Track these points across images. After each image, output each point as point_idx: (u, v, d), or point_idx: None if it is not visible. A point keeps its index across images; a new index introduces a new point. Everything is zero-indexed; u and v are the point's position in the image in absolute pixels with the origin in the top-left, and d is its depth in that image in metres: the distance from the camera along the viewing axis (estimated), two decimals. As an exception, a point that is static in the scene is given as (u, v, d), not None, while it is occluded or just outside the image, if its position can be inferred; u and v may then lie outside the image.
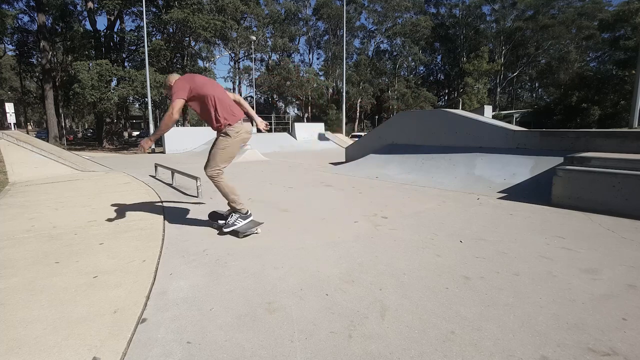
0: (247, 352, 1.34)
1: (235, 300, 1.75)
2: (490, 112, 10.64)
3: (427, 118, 6.72)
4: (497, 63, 37.25)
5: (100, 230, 2.98)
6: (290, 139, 16.57)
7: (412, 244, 2.57)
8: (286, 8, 40.10)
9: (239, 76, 39.52)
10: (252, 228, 2.77)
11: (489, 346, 1.36)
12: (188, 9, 19.30)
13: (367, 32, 42.45)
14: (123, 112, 26.94)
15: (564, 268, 2.10)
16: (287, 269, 2.14)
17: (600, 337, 1.42)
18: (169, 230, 2.97)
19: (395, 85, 41.09)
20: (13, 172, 6.31)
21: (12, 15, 22.99)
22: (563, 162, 3.92)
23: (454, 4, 43.65)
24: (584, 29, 34.60)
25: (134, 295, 1.81)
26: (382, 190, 4.82)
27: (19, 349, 1.36)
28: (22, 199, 4.41)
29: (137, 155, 14.57)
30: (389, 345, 1.38)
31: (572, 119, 26.14)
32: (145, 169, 7.51)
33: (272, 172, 7.16)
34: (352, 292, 1.82)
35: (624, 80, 24.78)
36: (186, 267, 2.17)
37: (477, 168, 5.18)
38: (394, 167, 6.33)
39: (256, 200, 4.19)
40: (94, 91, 17.30)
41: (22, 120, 41.76)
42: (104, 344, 1.39)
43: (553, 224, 3.04)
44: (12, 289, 1.88)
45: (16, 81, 36.51)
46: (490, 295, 1.78)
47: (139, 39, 20.86)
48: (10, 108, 14.80)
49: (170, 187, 5.21)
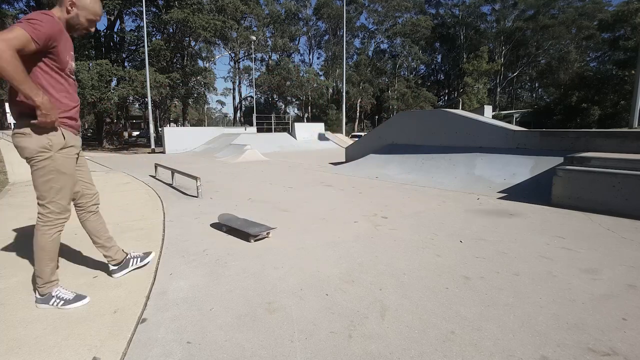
0: (247, 352, 1.34)
1: (235, 300, 1.75)
2: (490, 112, 10.64)
3: (427, 118, 6.72)
4: (497, 63, 37.23)
5: (100, 230, 2.98)
6: (290, 139, 16.56)
7: (412, 244, 2.57)
8: (286, 8, 40.09)
9: (239, 76, 39.55)
10: (263, 232, 2.73)
11: (489, 346, 1.36)
12: (188, 9, 19.30)
13: (368, 32, 42.46)
14: (123, 112, 26.93)
15: (564, 268, 2.10)
16: (287, 269, 2.14)
17: (600, 337, 1.42)
18: (169, 230, 2.97)
19: (395, 85, 41.09)
20: (13, 172, 6.30)
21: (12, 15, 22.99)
22: (563, 162, 3.92)
23: (454, 3, 43.67)
24: (584, 29, 34.60)
25: (134, 295, 1.81)
26: (382, 190, 4.82)
27: (19, 349, 1.36)
28: (22, 199, 4.41)
29: (137, 156, 14.57)
30: (389, 345, 1.38)
31: (572, 119, 26.14)
32: (145, 169, 7.51)
33: (272, 172, 7.16)
34: (352, 292, 1.82)
35: (624, 80, 24.78)
36: (186, 267, 2.17)
37: (477, 168, 5.18)
38: (394, 167, 6.33)
39: (256, 200, 4.19)
40: (94, 91, 17.29)
41: (22, 120, 41.68)
42: (104, 344, 1.39)
43: (553, 224, 3.04)
44: (12, 289, 1.88)
45: (16, 81, 36.46)
46: (490, 295, 1.78)
47: (139, 39, 20.86)
48: (10, 108, 14.80)
49: (170, 187, 5.21)
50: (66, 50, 1.62)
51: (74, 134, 1.70)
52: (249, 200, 4.17)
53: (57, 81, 1.61)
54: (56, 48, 1.55)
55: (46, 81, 1.57)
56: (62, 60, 1.60)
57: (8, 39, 1.37)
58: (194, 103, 29.55)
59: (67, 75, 1.66)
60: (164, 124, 26.57)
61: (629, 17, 26.46)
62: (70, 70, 1.68)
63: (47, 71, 1.57)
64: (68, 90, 1.66)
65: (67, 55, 1.64)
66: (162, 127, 17.76)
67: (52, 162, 1.59)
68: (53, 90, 1.59)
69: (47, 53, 1.54)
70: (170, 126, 29.15)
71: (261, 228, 2.76)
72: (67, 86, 1.66)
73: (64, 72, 1.63)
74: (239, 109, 42.09)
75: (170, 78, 19.74)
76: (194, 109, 43.67)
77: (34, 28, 1.44)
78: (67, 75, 1.67)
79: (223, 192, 4.77)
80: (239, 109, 42.24)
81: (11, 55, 1.37)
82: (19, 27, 1.42)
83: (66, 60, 1.63)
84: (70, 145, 1.65)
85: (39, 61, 1.54)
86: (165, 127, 18.24)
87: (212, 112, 59.86)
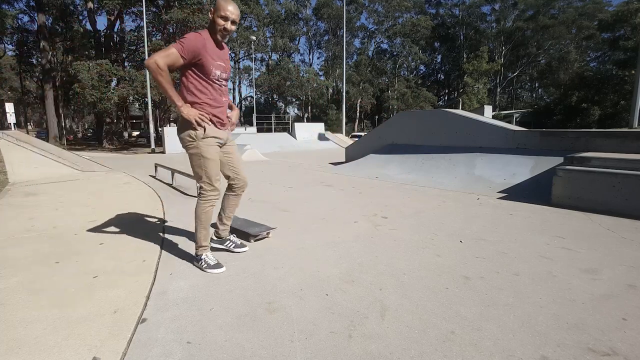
0: (247, 352, 1.34)
1: (235, 300, 1.75)
2: (490, 112, 10.65)
3: (427, 118, 6.72)
4: (497, 63, 37.24)
5: (100, 230, 2.98)
6: (290, 139, 16.57)
7: (412, 244, 2.57)
8: (286, 8, 40.10)
9: (239, 76, 39.54)
10: (263, 232, 2.73)
11: (489, 346, 1.36)
12: (188, 9, 19.29)
13: (368, 32, 42.47)
14: (123, 112, 26.93)
15: (564, 268, 2.10)
16: (287, 269, 2.14)
17: (600, 337, 1.42)
18: (169, 230, 2.97)
19: (395, 85, 41.11)
20: (13, 172, 6.30)
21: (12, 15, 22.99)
22: (563, 162, 3.92)
23: (454, 3, 43.68)
24: (584, 29, 34.61)
25: (134, 295, 1.81)
26: (382, 190, 4.82)
27: (19, 349, 1.36)
28: (22, 199, 4.41)
29: (137, 156, 14.58)
30: (389, 345, 1.38)
31: (572, 119, 26.14)
32: (145, 169, 7.51)
33: (272, 172, 7.16)
34: (352, 292, 1.82)
35: (624, 80, 24.78)
36: (186, 267, 2.16)
37: (477, 168, 5.18)
38: (394, 167, 6.33)
39: (256, 200, 4.19)
40: (94, 91, 17.30)
41: (22, 120, 41.75)
42: (104, 344, 1.39)
43: (553, 224, 3.04)
44: (12, 289, 1.88)
45: (16, 81, 36.49)
46: (490, 295, 1.78)
47: (139, 39, 20.86)
48: (10, 108, 14.81)
49: (170, 187, 5.21)
50: (212, 62, 1.96)
51: (218, 127, 2.06)
52: (249, 200, 4.17)
53: (204, 86, 1.98)
54: (201, 60, 1.91)
55: (194, 86, 1.97)
56: (207, 70, 1.95)
57: (164, 56, 1.82)
58: (194, 103, 29.48)
59: (212, 82, 2.00)
60: (164, 124, 26.54)
61: (629, 17, 26.47)
62: (217, 77, 2.01)
63: (196, 78, 1.96)
64: (212, 94, 2.02)
65: (213, 66, 1.97)
66: (162, 127, 17.75)
67: (197, 149, 1.99)
68: (199, 94, 1.98)
69: (194, 64, 1.92)
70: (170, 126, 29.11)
71: (261, 228, 2.77)
72: (211, 90, 2.01)
73: (209, 78, 1.98)
74: (239, 109, 42.07)
75: (170, 78, 19.71)
76: (194, 109, 43.51)
77: (182, 46, 1.84)
78: (213, 82, 2.00)
79: (223, 192, 4.76)
80: (239, 109, 42.22)
81: (165, 71, 1.81)
82: (173, 45, 1.85)
83: (211, 70, 1.96)
84: (210, 136, 2.01)
85: (189, 70, 1.94)
86: (165, 127, 18.23)
87: (212, 112, 59.70)
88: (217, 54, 1.99)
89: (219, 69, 2.00)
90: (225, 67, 2.05)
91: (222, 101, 2.08)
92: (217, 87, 2.03)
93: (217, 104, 2.05)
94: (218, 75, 2.01)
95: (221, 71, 2.02)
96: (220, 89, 2.05)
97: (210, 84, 1.99)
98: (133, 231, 2.93)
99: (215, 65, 1.98)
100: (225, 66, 2.05)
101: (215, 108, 2.04)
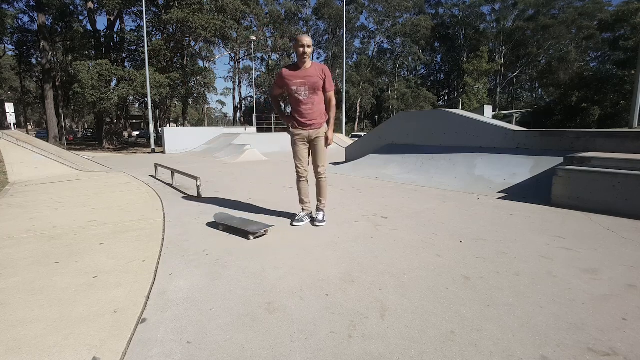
0: (247, 352, 1.34)
1: (235, 300, 1.75)
2: (490, 112, 10.65)
3: (427, 118, 6.72)
4: (497, 63, 37.22)
5: (100, 230, 2.98)
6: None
7: (412, 244, 2.57)
8: (286, 8, 40.07)
9: (239, 76, 39.56)
10: (261, 230, 2.75)
11: (489, 346, 1.36)
12: (188, 8, 19.29)
13: (368, 32, 42.45)
14: (123, 112, 26.91)
15: (564, 268, 2.10)
16: (287, 269, 2.14)
17: (600, 337, 1.41)
18: (169, 230, 2.98)
19: (396, 85, 41.11)
20: (13, 172, 6.31)
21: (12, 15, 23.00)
22: (563, 162, 3.91)
23: (454, 3, 43.66)
24: (584, 29, 34.59)
25: (134, 295, 1.81)
26: (382, 190, 4.82)
27: (19, 349, 1.36)
28: (22, 199, 4.41)
29: (137, 156, 14.59)
30: (389, 345, 1.38)
31: (572, 119, 26.12)
32: (145, 169, 7.51)
33: (272, 172, 7.16)
34: (352, 292, 1.82)
35: (624, 80, 24.76)
36: (186, 267, 2.17)
37: (477, 168, 5.18)
38: (394, 167, 6.33)
39: (256, 200, 4.19)
40: (94, 91, 17.30)
41: (22, 120, 41.75)
42: (104, 344, 1.39)
43: (553, 224, 3.04)
44: (12, 289, 1.88)
45: (16, 81, 36.51)
46: (490, 295, 1.78)
47: (139, 38, 20.85)
48: (10, 108, 14.81)
49: (170, 187, 5.21)
50: (291, 85, 2.88)
51: (301, 129, 2.99)
52: (249, 200, 4.17)
53: (292, 101, 2.99)
54: (286, 87, 2.93)
55: (289, 102, 3.02)
56: (290, 91, 2.92)
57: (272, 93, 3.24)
58: (194, 103, 29.55)
59: (295, 97, 2.92)
60: (164, 124, 26.54)
61: (629, 17, 26.46)
62: (298, 93, 2.90)
63: (288, 97, 3.01)
64: (297, 106, 2.95)
65: (291, 88, 2.90)
66: (162, 127, 17.76)
67: (291, 142, 3.08)
68: (291, 106, 3.02)
69: (285, 89, 2.98)
70: (170, 126, 29.12)
71: (259, 226, 2.79)
72: (296, 103, 2.95)
73: (292, 96, 2.94)
74: (239, 109, 42.09)
75: (170, 78, 19.72)
76: (194, 109, 43.67)
77: (275, 83, 3.05)
78: (296, 97, 2.92)
79: (223, 192, 4.77)
80: (239, 109, 42.24)
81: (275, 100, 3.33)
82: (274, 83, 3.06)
83: (293, 90, 2.90)
84: (294, 134, 3.02)
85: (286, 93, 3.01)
86: (165, 127, 18.23)
87: (212, 112, 59.88)
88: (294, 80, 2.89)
89: (296, 86, 2.89)
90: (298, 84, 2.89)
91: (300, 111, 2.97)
92: (296, 99, 2.93)
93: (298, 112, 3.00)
94: (299, 91, 2.90)
95: (294, 87, 2.90)
96: (301, 99, 2.93)
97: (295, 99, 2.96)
98: (133, 231, 2.93)
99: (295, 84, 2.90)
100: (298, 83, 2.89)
101: (298, 115, 2.99)
